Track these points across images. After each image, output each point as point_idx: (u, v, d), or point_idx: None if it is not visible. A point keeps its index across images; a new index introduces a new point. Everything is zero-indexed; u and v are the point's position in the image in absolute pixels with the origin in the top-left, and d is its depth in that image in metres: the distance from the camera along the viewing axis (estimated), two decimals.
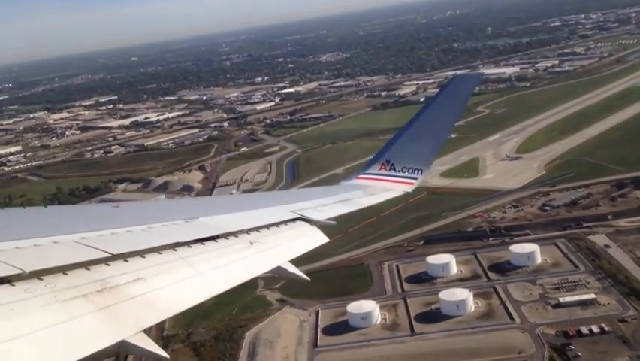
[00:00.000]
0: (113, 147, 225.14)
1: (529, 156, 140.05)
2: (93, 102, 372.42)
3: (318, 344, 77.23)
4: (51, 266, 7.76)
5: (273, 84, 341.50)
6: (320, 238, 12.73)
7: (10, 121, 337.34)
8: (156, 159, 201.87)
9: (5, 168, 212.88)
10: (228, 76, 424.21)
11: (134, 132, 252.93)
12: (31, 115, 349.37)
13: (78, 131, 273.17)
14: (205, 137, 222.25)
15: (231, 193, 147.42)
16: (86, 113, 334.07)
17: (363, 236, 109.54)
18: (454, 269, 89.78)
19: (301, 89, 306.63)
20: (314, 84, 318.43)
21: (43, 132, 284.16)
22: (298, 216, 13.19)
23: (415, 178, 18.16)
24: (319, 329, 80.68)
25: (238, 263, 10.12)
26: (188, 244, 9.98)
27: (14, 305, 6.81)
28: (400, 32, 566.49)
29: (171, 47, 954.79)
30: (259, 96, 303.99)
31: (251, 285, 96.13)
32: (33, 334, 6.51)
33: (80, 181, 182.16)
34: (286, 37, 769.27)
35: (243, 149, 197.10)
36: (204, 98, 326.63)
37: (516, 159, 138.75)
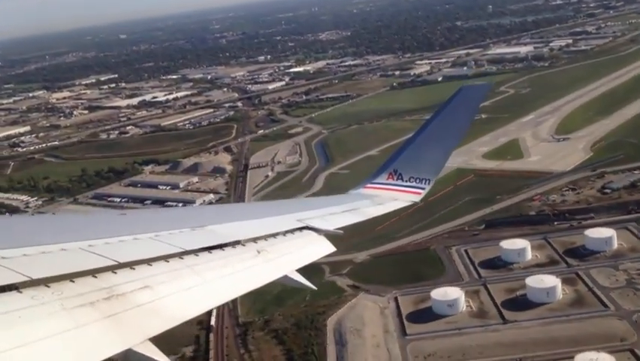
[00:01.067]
0: (127, 128, 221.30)
1: (572, 137, 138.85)
2: (93, 81, 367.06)
3: (407, 332, 75.76)
4: (58, 274, 7.83)
5: (278, 63, 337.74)
6: (327, 248, 12.85)
7: (10, 100, 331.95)
8: (175, 140, 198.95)
9: (19, 149, 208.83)
10: (227, 54, 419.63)
11: (144, 112, 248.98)
12: (31, 94, 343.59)
13: (86, 111, 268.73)
14: (221, 117, 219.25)
15: (266, 176, 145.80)
16: (89, 92, 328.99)
17: (420, 220, 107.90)
18: (529, 255, 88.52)
19: (309, 68, 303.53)
20: (321, 63, 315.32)
21: (48, 112, 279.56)
22: (305, 225, 13.27)
23: (423, 188, 18.18)
24: (403, 317, 79.23)
25: (245, 272, 10.24)
26: (195, 252, 10.05)
27: (21, 312, 6.85)
28: (395, 10, 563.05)
29: (158, 24, 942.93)
30: (266, 75, 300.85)
31: (317, 270, 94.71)
32: (40, 341, 6.55)
33: (99, 162, 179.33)
34: (277, 14, 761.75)
35: (265, 130, 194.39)
36: (209, 77, 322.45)
37: (564, 139, 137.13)
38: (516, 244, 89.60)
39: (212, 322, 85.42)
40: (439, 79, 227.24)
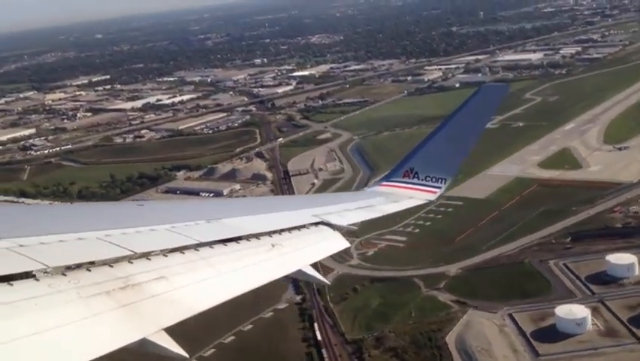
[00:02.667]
0: (142, 131, 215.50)
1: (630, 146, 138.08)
2: (85, 82, 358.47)
3: (540, 352, 73.17)
4: (75, 262, 7.96)
5: (277, 66, 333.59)
6: (341, 243, 12.88)
7: (2, 101, 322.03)
8: (196, 145, 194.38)
9: (33, 153, 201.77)
10: (219, 56, 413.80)
11: (153, 115, 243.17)
12: (21, 95, 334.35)
13: (89, 114, 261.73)
14: (238, 122, 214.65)
15: (312, 184, 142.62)
16: (84, 93, 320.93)
17: (500, 231, 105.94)
18: (636, 269, 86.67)
19: (314, 72, 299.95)
20: (324, 67, 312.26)
21: (48, 114, 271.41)
22: (320, 220, 13.29)
23: (439, 187, 18.13)
24: (528, 335, 76.65)
25: (259, 265, 10.28)
26: (211, 244, 10.12)
27: (37, 300, 6.93)
28: (381, 15, 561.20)
29: (132, 25, 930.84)
30: (270, 79, 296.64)
31: (411, 284, 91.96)
32: (56, 329, 6.65)
33: (123, 167, 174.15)
34: (255, 16, 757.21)
35: (290, 135, 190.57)
36: (209, 79, 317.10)
37: (624, 148, 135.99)
38: (623, 259, 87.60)
39: (319, 336, 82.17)
40: (457, 85, 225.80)
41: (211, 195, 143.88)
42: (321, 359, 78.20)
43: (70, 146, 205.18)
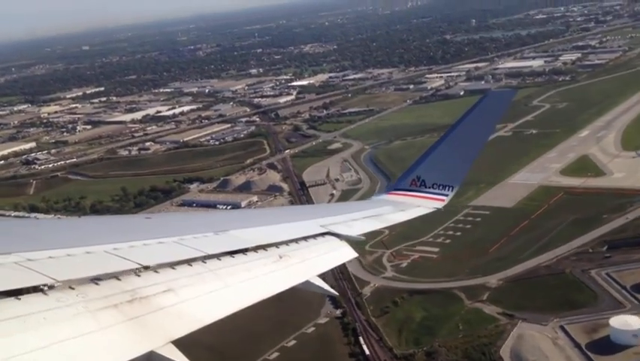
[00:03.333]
0: (147, 144, 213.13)
1: None
2: (80, 94, 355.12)
3: None
4: (83, 276, 7.96)
5: (275, 76, 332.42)
6: (349, 254, 12.92)
7: None
8: (203, 156, 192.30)
9: (37, 167, 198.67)
10: (212, 67, 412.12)
11: (155, 127, 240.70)
12: (15, 108, 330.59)
13: (88, 126, 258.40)
14: (243, 133, 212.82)
15: (331, 195, 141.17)
16: (79, 106, 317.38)
17: (533, 241, 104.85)
18: None
19: (312, 81, 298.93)
20: (322, 76, 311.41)
21: (45, 127, 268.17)
22: (327, 230, 13.26)
23: (446, 195, 18.10)
24: (583, 347, 75.49)
25: (267, 277, 10.33)
26: (218, 256, 10.15)
27: (46, 314, 6.96)
28: (371, 24, 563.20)
29: (117, 36, 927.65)
30: (269, 89, 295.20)
31: (452, 297, 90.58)
32: (64, 343, 6.67)
33: (131, 181, 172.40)
34: (243, 27, 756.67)
35: (299, 146, 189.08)
36: (207, 90, 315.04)
37: None
38: None
39: (366, 351, 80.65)
40: (461, 93, 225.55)
41: (229, 207, 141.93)
42: None
43: (74, 159, 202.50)
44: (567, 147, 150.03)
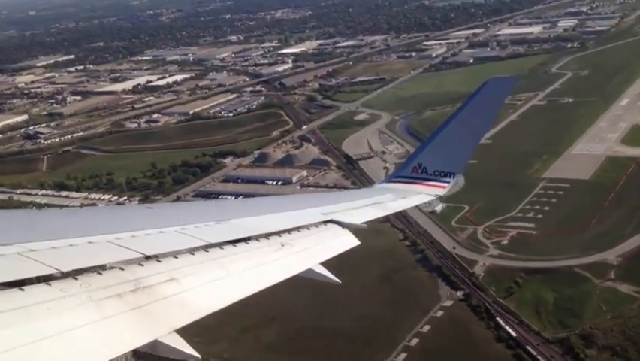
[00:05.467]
0: (154, 115, 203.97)
1: None
2: (51, 62, 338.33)
3: None
4: (86, 266, 7.99)
5: (259, 44, 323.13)
6: (351, 241, 12.80)
7: None
8: (220, 129, 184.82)
9: (42, 141, 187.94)
10: (184, 33, 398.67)
11: (152, 98, 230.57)
12: None
13: (78, 97, 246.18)
14: (254, 104, 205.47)
15: (386, 168, 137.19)
16: (56, 75, 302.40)
17: (630, 215, 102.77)
18: None
19: (303, 49, 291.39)
20: (310, 44, 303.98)
21: (29, 98, 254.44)
22: (330, 219, 13.27)
23: (447, 182, 18.15)
24: None
25: (269, 265, 10.35)
26: (220, 245, 10.20)
27: (50, 304, 7.01)
28: None
29: (63, 1, 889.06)
30: (259, 57, 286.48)
31: (574, 275, 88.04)
32: (68, 333, 6.72)
33: (154, 155, 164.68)
34: None
35: (319, 117, 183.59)
36: (191, 58, 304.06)
37: None
38: None
39: (512, 334, 77.65)
40: (471, 61, 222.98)
41: (279, 182, 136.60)
42: (533, 360, 73.59)
43: (81, 133, 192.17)
44: (614, 116, 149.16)
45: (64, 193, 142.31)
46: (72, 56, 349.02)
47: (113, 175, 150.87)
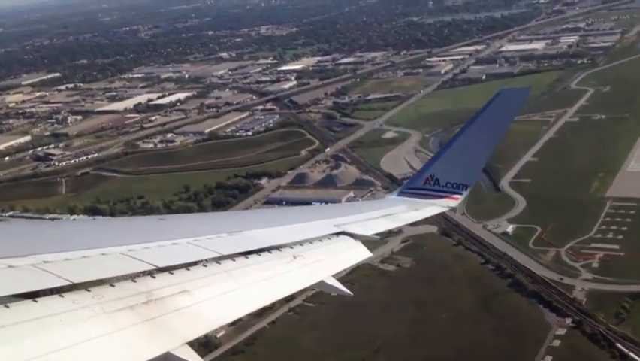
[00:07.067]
0: (168, 135, 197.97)
1: None
2: (37, 81, 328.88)
3: None
4: (98, 278, 7.93)
5: (254, 61, 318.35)
6: (363, 253, 12.77)
7: None
8: (241, 148, 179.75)
9: (56, 163, 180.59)
10: (170, 50, 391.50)
11: (159, 117, 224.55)
12: None
13: (78, 117, 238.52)
14: (270, 122, 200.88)
15: None
16: (47, 94, 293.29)
17: None
18: None
19: (301, 66, 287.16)
20: (308, 60, 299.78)
21: (25, 118, 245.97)
22: (341, 230, 13.19)
23: (460, 193, 18.08)
24: None
25: (281, 277, 10.32)
26: (232, 257, 10.14)
27: (62, 316, 6.97)
28: (318, 4, 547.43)
29: (24, 17, 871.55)
30: (257, 74, 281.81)
31: None
32: (81, 344, 6.68)
33: (181, 177, 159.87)
34: (170, 7, 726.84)
35: (341, 135, 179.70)
36: (186, 76, 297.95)
37: None
38: None
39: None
40: (483, 77, 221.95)
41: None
42: None
43: (95, 154, 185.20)
44: None
45: (99, 218, 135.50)
46: (58, 74, 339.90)
47: (144, 198, 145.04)
